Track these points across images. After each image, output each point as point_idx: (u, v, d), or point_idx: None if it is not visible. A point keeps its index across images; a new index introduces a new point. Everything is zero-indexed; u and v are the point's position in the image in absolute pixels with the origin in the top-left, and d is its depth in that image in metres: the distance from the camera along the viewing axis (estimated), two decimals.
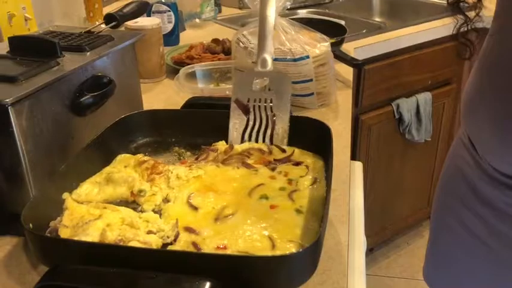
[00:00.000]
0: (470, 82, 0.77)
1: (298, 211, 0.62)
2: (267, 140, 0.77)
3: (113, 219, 0.59)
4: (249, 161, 0.72)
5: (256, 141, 0.77)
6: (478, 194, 0.78)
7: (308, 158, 0.73)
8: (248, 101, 0.77)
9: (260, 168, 0.71)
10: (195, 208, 0.62)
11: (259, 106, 0.76)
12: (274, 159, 0.73)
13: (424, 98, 1.71)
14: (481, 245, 0.79)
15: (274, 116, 0.76)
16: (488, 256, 0.79)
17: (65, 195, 0.63)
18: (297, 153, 0.74)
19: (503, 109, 0.68)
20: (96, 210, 0.59)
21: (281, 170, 0.70)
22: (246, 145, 0.76)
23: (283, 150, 0.75)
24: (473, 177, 0.78)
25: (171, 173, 0.68)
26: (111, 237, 0.56)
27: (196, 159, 0.74)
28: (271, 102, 0.76)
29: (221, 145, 0.76)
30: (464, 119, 0.80)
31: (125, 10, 0.95)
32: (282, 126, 0.76)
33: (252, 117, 0.77)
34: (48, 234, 0.57)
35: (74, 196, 0.64)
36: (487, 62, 0.73)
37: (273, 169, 0.70)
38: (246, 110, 0.75)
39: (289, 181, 0.68)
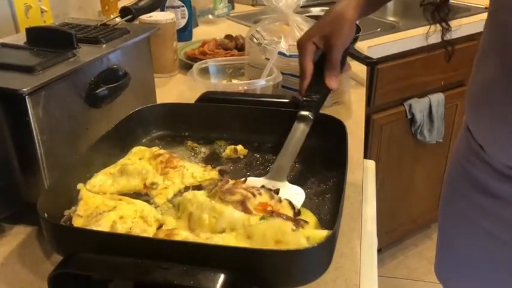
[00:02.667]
0: (471, 76, 0.77)
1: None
2: None
3: (127, 211, 0.59)
4: (250, 205, 0.59)
5: None
6: (483, 188, 0.78)
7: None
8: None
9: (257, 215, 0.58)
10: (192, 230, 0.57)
11: None
12: (279, 212, 0.59)
13: (437, 99, 1.70)
14: (488, 238, 0.79)
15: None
16: (496, 249, 0.78)
17: (80, 186, 0.64)
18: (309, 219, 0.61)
19: (506, 101, 0.68)
20: (111, 202, 0.60)
21: None
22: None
23: (293, 208, 0.61)
24: (478, 171, 0.78)
25: (187, 170, 0.68)
26: (121, 229, 0.56)
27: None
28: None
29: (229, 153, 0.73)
30: (467, 112, 0.80)
31: (140, 4, 0.95)
32: None
33: None
34: (63, 223, 0.57)
35: (88, 186, 0.64)
36: (481, 57, 0.73)
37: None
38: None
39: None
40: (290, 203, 0.61)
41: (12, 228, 0.68)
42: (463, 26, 1.16)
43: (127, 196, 0.64)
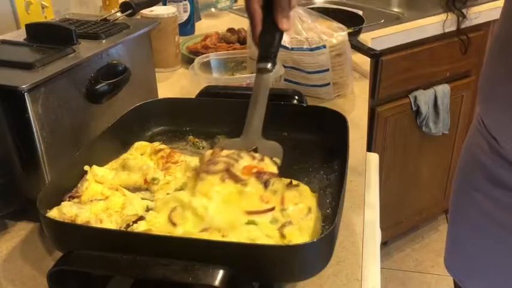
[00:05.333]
0: (484, 67, 0.76)
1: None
2: None
3: (115, 203, 0.60)
4: (236, 170, 0.60)
5: None
6: (497, 181, 0.77)
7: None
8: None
9: (250, 182, 0.59)
10: (174, 224, 0.56)
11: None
12: (268, 172, 0.61)
13: (442, 90, 1.69)
14: (501, 231, 0.78)
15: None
16: (509, 241, 0.78)
17: (87, 167, 0.64)
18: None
19: None
20: (108, 192, 0.60)
21: (276, 190, 0.59)
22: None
23: (276, 164, 0.63)
24: (491, 164, 0.77)
25: (188, 163, 0.68)
26: (81, 220, 0.55)
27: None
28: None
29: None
30: (481, 104, 0.78)
31: None
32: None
33: None
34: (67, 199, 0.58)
35: (92, 173, 0.65)
36: (496, 47, 0.72)
37: (265, 184, 0.59)
38: None
39: (282, 211, 0.58)
40: (271, 160, 0.62)
41: (14, 224, 0.68)
42: (474, 15, 1.13)
43: (129, 189, 0.65)
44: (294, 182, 0.62)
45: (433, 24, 1.52)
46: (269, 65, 0.68)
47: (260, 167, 0.61)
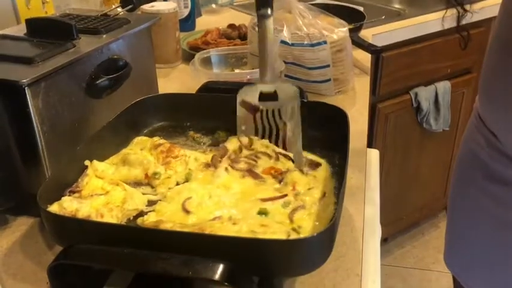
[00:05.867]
0: (484, 64, 0.76)
1: (294, 230, 0.55)
2: (280, 144, 0.73)
3: (115, 198, 0.60)
4: (257, 169, 0.66)
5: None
6: (495, 176, 0.77)
7: (320, 160, 0.69)
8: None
9: (267, 179, 0.65)
10: (188, 212, 0.58)
11: (266, 116, 0.73)
12: (283, 171, 0.66)
13: (443, 87, 1.68)
14: (499, 226, 0.78)
15: (284, 123, 0.73)
16: (507, 238, 0.78)
17: (87, 162, 0.64)
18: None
19: None
20: (109, 186, 0.60)
21: (288, 181, 0.63)
22: (258, 145, 0.72)
23: (290, 158, 0.69)
24: (489, 159, 0.77)
25: (189, 157, 0.68)
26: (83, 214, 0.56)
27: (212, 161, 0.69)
28: (279, 112, 0.73)
29: (233, 143, 0.72)
30: (481, 100, 0.78)
31: None
32: (293, 131, 0.72)
33: (260, 126, 0.74)
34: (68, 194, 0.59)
35: (92, 168, 0.65)
36: (495, 44, 0.72)
37: (280, 181, 0.64)
38: (253, 109, 0.72)
39: (296, 195, 0.61)
40: (285, 156, 0.68)
41: (15, 219, 0.69)
42: (475, 11, 1.13)
43: (130, 183, 0.65)
44: (316, 159, 0.68)
45: (434, 20, 1.52)
46: (269, 10, 0.71)
47: (277, 168, 0.67)
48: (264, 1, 0.72)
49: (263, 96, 0.74)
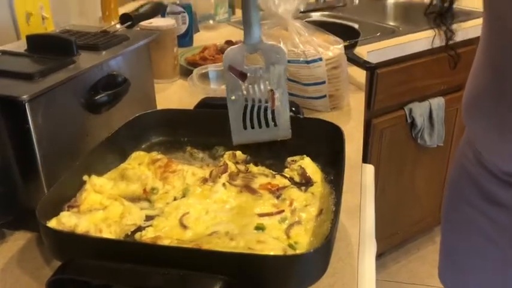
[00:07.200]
0: (468, 84, 0.78)
1: (290, 246, 0.56)
2: (269, 116, 0.72)
3: (113, 213, 0.61)
4: (254, 185, 0.67)
5: (259, 120, 0.72)
6: (483, 193, 0.78)
7: (317, 175, 0.69)
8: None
9: (265, 194, 0.66)
10: (185, 227, 0.59)
11: (254, 83, 0.71)
12: (280, 187, 0.67)
13: (437, 103, 1.70)
14: (488, 243, 0.79)
15: (272, 91, 0.71)
16: (495, 254, 0.79)
17: (86, 177, 0.65)
18: (308, 164, 0.71)
19: (499, 110, 0.68)
20: (107, 201, 0.61)
21: (285, 197, 0.65)
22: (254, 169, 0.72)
23: (287, 177, 0.69)
24: (478, 176, 0.79)
25: (187, 172, 0.69)
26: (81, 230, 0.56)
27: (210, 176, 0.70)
28: (267, 79, 0.72)
29: (228, 159, 0.73)
30: (466, 120, 0.80)
31: (140, 11, 0.96)
32: (281, 100, 0.72)
33: (249, 96, 0.72)
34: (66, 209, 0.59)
35: (90, 183, 0.65)
36: (479, 64, 0.73)
37: (277, 197, 0.65)
38: (242, 75, 0.70)
39: (292, 211, 0.62)
40: (282, 175, 0.69)
41: (12, 233, 0.69)
42: (463, 30, 1.16)
43: (128, 199, 0.65)
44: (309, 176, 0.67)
45: (425, 38, 1.54)
46: None
47: (274, 183, 0.67)
48: None
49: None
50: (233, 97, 0.72)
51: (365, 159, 1.67)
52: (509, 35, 0.65)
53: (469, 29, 1.52)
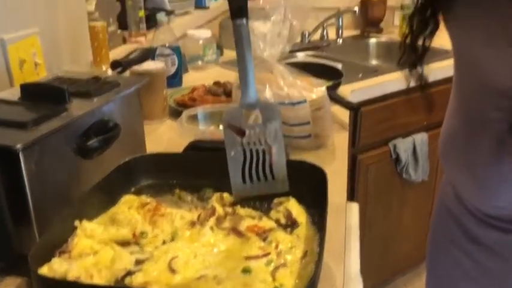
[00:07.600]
0: (444, 124, 0.81)
1: None
2: (267, 170, 0.73)
3: (104, 258, 0.62)
4: (241, 227, 0.70)
5: (257, 174, 0.73)
6: (465, 232, 0.80)
7: (302, 217, 0.72)
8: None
9: (252, 237, 0.68)
10: (174, 271, 0.61)
11: (253, 140, 0.72)
12: (267, 229, 0.70)
13: (421, 139, 1.75)
14: (471, 282, 0.80)
15: (269, 147, 0.72)
16: (478, 283, 0.80)
17: (77, 222, 0.66)
18: (293, 205, 0.73)
19: (472, 154, 0.71)
20: (98, 246, 0.62)
21: (272, 240, 0.67)
22: (241, 212, 0.75)
23: (273, 219, 0.73)
24: (459, 214, 0.81)
25: (175, 215, 0.71)
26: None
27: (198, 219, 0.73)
28: (264, 134, 0.72)
29: (216, 201, 0.76)
30: (442, 159, 0.83)
31: (130, 57, 1.00)
32: (278, 155, 0.73)
33: (248, 151, 0.73)
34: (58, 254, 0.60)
35: (81, 228, 0.67)
36: (452, 105, 0.77)
37: (264, 239, 0.67)
38: (240, 132, 0.72)
39: (278, 254, 0.64)
40: (267, 216, 0.73)
41: (2, 279, 0.69)
42: (441, 70, 1.22)
43: (118, 243, 0.67)
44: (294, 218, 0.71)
45: (403, 78, 1.60)
46: (244, 20, 0.68)
47: (260, 226, 0.70)
48: (238, 10, 0.68)
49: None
50: (232, 153, 0.74)
51: (352, 195, 1.70)
52: (477, 81, 0.69)
53: (446, 68, 1.58)
